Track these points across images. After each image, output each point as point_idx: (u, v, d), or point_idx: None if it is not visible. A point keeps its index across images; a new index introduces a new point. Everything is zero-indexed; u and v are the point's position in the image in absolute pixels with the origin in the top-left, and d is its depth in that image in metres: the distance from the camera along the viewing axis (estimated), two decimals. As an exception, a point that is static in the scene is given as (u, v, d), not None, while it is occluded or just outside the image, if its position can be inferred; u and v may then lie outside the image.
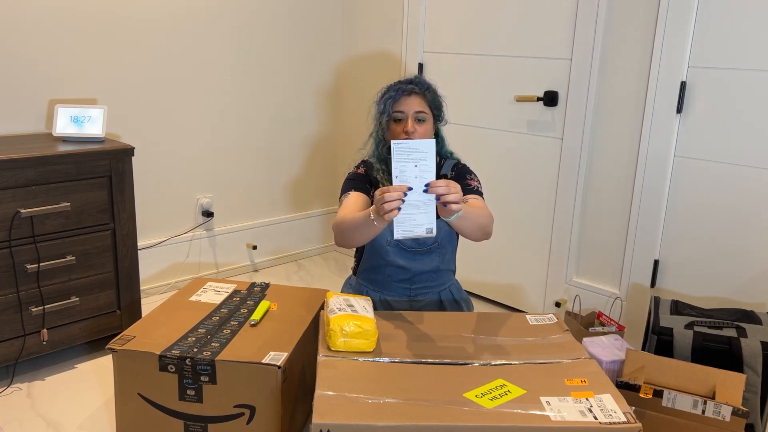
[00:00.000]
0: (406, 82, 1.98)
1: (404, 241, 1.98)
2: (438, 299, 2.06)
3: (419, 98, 1.94)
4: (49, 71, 2.50)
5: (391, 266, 2.00)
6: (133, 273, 2.39)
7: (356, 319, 1.59)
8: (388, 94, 1.96)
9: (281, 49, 3.20)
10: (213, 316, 1.96)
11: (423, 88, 1.96)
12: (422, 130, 1.93)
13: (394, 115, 1.94)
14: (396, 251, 1.99)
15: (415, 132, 1.91)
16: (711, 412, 1.62)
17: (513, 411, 1.36)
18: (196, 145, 2.99)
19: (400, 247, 1.99)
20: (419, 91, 1.95)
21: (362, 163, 2.08)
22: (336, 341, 1.57)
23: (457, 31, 2.91)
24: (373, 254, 2.02)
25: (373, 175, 2.04)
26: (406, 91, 1.94)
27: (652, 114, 2.35)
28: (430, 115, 1.97)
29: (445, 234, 2.01)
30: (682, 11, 2.23)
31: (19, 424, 1.97)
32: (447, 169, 2.07)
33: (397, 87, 1.96)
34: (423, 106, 1.94)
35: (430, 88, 1.98)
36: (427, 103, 1.95)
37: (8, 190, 2.05)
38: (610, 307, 2.58)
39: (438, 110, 2.00)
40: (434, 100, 1.98)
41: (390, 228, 1.97)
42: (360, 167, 2.07)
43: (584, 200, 2.63)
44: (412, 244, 1.99)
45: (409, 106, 1.93)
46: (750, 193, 2.20)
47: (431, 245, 2.00)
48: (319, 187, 3.58)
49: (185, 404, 1.75)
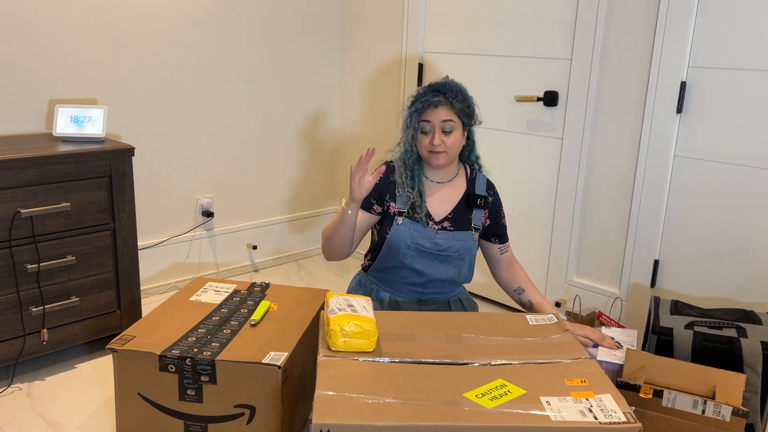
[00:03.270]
0: (434, 91, 1.92)
1: (423, 244, 1.98)
2: (446, 301, 2.06)
3: (446, 108, 1.89)
4: (49, 71, 2.50)
5: (407, 269, 1.99)
6: (133, 273, 2.39)
7: (356, 319, 1.59)
8: (414, 105, 1.92)
9: (281, 49, 3.20)
10: (213, 316, 1.96)
11: (451, 97, 1.90)
12: (450, 141, 1.91)
13: (421, 127, 1.92)
14: (414, 255, 1.98)
15: (441, 144, 1.89)
16: (711, 412, 1.62)
17: (513, 411, 1.36)
18: (196, 145, 2.99)
19: (419, 250, 1.97)
20: (446, 100, 1.90)
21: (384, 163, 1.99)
22: (336, 341, 1.57)
23: (457, 31, 2.91)
24: (391, 255, 2.00)
25: (393, 178, 2.01)
26: (433, 103, 1.89)
27: (652, 114, 2.35)
28: (459, 123, 1.92)
29: (465, 248, 2.00)
30: (682, 11, 2.23)
31: (19, 424, 1.97)
32: (482, 189, 2.04)
33: (424, 98, 1.91)
34: (450, 115, 1.89)
35: (458, 95, 1.91)
36: (455, 111, 1.90)
37: (8, 190, 2.05)
38: (610, 307, 2.58)
39: (468, 117, 1.95)
40: (463, 107, 1.92)
41: (410, 230, 1.97)
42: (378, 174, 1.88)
43: (584, 200, 2.63)
44: (432, 248, 1.98)
45: (436, 117, 1.89)
46: (750, 193, 2.20)
47: (452, 253, 1.99)
48: (319, 187, 3.58)
49: (185, 404, 1.75)
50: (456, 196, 2.02)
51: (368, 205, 2.00)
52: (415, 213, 1.97)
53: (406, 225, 1.97)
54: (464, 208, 2.02)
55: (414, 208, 1.97)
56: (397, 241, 1.97)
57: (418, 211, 1.97)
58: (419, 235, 1.97)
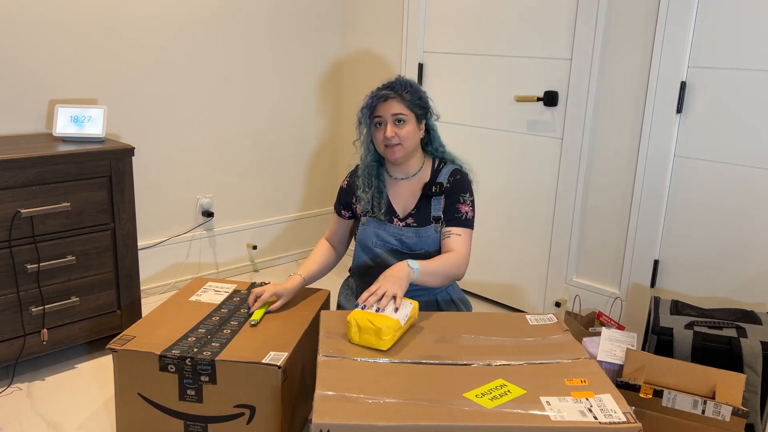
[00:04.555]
0: (383, 87, 1.97)
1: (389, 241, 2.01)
2: (434, 300, 2.06)
3: (396, 101, 1.93)
4: (49, 71, 2.50)
5: (381, 268, 1.99)
6: (133, 273, 2.39)
7: (374, 317, 1.64)
8: (365, 102, 1.97)
9: (281, 49, 3.20)
10: (213, 316, 1.96)
11: (400, 90, 1.94)
12: (404, 132, 1.94)
13: (374, 122, 1.97)
14: (384, 253, 2.02)
15: (395, 136, 1.93)
16: (711, 412, 1.62)
17: (513, 411, 1.36)
18: (196, 145, 2.99)
19: (387, 248, 2.01)
20: (395, 94, 1.94)
21: (350, 173, 2.13)
22: (351, 333, 1.64)
23: (457, 31, 2.91)
24: (363, 254, 2.06)
25: (356, 180, 2.07)
26: (382, 97, 1.94)
27: (652, 114, 2.35)
28: (412, 116, 1.96)
29: (432, 242, 2.00)
30: (682, 11, 2.23)
31: (19, 424, 1.97)
32: (444, 177, 2.03)
33: (373, 94, 1.96)
34: (400, 108, 1.93)
35: (408, 88, 1.96)
36: (405, 104, 1.94)
37: (8, 190, 2.05)
38: (610, 307, 2.58)
39: (421, 108, 1.99)
40: (414, 99, 1.96)
41: (376, 230, 2.02)
42: (346, 179, 2.13)
43: (584, 200, 2.63)
44: (398, 245, 2.00)
45: (386, 111, 1.93)
46: (750, 193, 2.20)
47: (418, 251, 2.00)
48: (319, 187, 3.58)
49: (185, 404, 1.75)
50: (419, 190, 2.04)
51: (338, 210, 2.12)
52: (375, 211, 2.02)
53: (371, 224, 2.02)
54: (425, 200, 2.03)
55: (373, 207, 2.02)
56: (364, 239, 2.03)
57: (376, 210, 2.02)
58: (384, 233, 2.01)
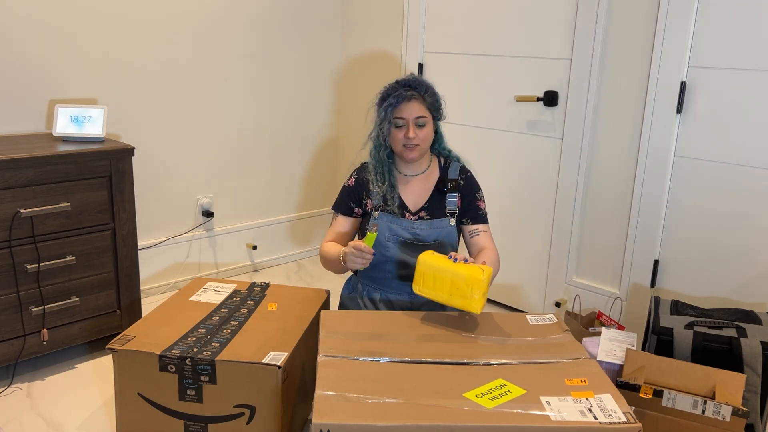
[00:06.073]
0: (405, 85, 1.98)
1: (402, 234, 2.01)
2: None
3: (419, 102, 1.96)
4: (49, 71, 2.50)
5: (392, 262, 2.01)
6: (133, 273, 2.39)
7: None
8: (388, 100, 1.97)
9: (281, 49, 3.20)
10: (213, 316, 1.96)
11: (422, 91, 1.98)
12: (423, 135, 1.98)
13: (395, 122, 1.97)
14: (396, 247, 2.01)
15: (416, 137, 1.96)
16: (711, 412, 1.62)
17: (513, 411, 1.36)
18: (196, 145, 2.99)
19: (399, 241, 2.01)
20: (419, 95, 1.96)
21: (357, 170, 2.13)
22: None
23: (457, 31, 2.91)
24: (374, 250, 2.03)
25: (366, 176, 2.07)
26: (406, 97, 1.95)
27: (652, 114, 2.35)
28: (430, 118, 2.00)
29: (445, 234, 2.01)
30: (682, 11, 2.23)
31: (19, 424, 1.97)
32: (454, 173, 2.08)
33: (397, 93, 1.96)
34: (423, 111, 1.96)
35: (429, 90, 2.00)
36: (426, 106, 1.97)
37: (8, 190, 2.05)
38: (610, 307, 2.58)
39: (437, 111, 2.03)
40: (433, 102, 2.00)
41: (388, 223, 2.02)
42: (353, 176, 2.12)
43: (584, 200, 2.63)
44: (411, 238, 2.01)
45: (410, 113, 1.95)
46: (750, 193, 2.20)
47: (432, 242, 2.01)
48: (320, 187, 3.58)
49: (185, 404, 1.75)
50: (430, 186, 2.07)
51: (349, 210, 2.10)
52: (388, 205, 2.03)
53: (383, 218, 2.03)
54: (438, 195, 2.05)
55: (387, 201, 2.03)
56: (377, 235, 2.01)
57: (390, 204, 2.02)
58: (397, 227, 2.01)
